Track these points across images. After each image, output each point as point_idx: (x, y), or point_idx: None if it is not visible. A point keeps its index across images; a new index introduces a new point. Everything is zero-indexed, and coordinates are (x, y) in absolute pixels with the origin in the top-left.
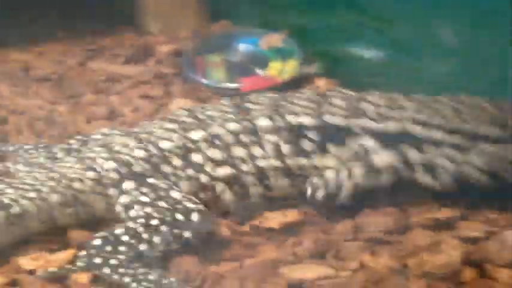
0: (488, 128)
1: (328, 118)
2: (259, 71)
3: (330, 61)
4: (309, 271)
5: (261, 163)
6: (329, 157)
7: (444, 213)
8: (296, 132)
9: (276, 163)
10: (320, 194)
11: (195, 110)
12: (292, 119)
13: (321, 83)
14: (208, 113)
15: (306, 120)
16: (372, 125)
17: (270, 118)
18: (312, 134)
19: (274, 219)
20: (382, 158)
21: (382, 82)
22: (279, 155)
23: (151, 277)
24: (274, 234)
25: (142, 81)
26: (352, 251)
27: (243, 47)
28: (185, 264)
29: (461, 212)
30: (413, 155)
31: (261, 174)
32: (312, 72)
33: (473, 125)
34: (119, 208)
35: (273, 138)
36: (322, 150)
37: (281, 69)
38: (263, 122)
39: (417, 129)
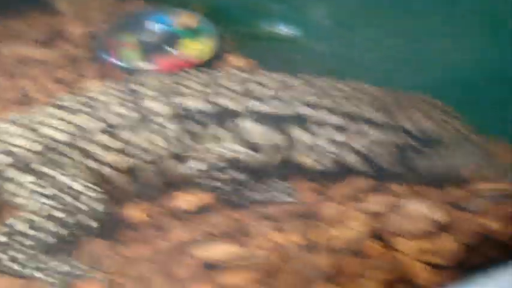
0: (371, 112)
1: (216, 100)
2: (174, 51)
3: (246, 40)
4: (220, 251)
5: (155, 148)
6: (215, 140)
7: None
8: (186, 115)
9: (169, 146)
10: (201, 166)
11: (81, 94)
12: (181, 101)
13: (237, 61)
14: (97, 97)
15: (193, 103)
16: (258, 106)
17: (159, 101)
18: (200, 117)
19: (187, 201)
20: (265, 137)
21: (299, 61)
22: (169, 138)
23: (61, 268)
24: (187, 216)
25: (55, 64)
26: (262, 229)
27: (157, 27)
28: (96, 249)
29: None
30: (296, 134)
31: (157, 159)
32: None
33: (357, 108)
34: (19, 200)
35: (162, 121)
36: (211, 132)
37: (196, 49)
38: (152, 105)
39: (303, 110)
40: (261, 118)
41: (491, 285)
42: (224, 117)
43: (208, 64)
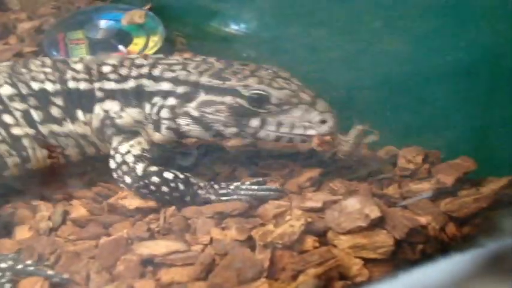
0: (206, 78)
1: (72, 84)
2: (121, 48)
3: (196, 38)
4: (161, 247)
5: (15, 131)
6: (78, 124)
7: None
8: (43, 99)
9: (30, 131)
10: (127, 180)
11: None
12: (35, 85)
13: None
14: None
15: (49, 87)
16: (112, 85)
17: (13, 86)
18: (58, 101)
19: (132, 198)
20: (125, 117)
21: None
22: (30, 122)
23: (2, 265)
24: (130, 213)
25: (2, 60)
26: (203, 226)
27: (105, 23)
28: (39, 246)
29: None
30: (146, 109)
31: (17, 144)
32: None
33: (201, 77)
34: None
35: (20, 106)
36: (72, 116)
37: (143, 46)
38: (7, 90)
39: (150, 83)
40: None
41: (421, 278)
42: (85, 99)
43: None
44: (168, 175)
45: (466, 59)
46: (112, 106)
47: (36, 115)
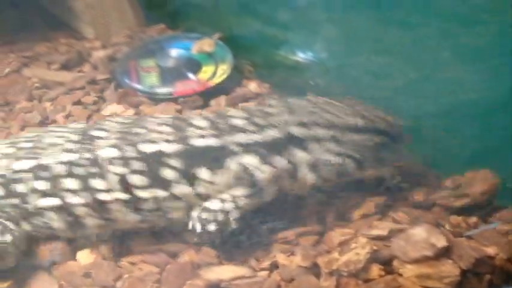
0: (354, 119)
1: (196, 141)
2: (191, 76)
3: (264, 67)
4: (228, 272)
5: (101, 196)
6: (200, 184)
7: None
8: (151, 161)
9: (122, 196)
10: (211, 227)
11: (39, 135)
12: (145, 147)
13: (252, 86)
14: (49, 140)
15: (165, 147)
16: (250, 137)
17: (118, 148)
18: (173, 162)
19: None
20: (265, 170)
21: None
22: (126, 187)
23: None
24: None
25: (76, 87)
26: (269, 253)
27: (175, 52)
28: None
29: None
30: (299, 156)
31: (100, 207)
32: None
33: (342, 118)
34: None
35: (119, 169)
36: (189, 177)
37: (212, 73)
38: (108, 153)
39: (298, 130)
40: (257, 149)
41: None
42: (209, 157)
43: (224, 88)
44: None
45: None
46: (251, 160)
47: (137, 180)
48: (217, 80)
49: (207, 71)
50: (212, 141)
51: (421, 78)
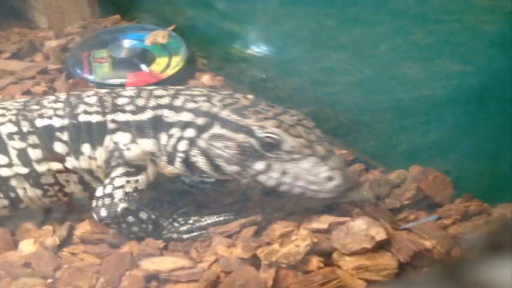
0: (226, 113)
1: (82, 117)
2: (144, 67)
3: (218, 59)
4: (167, 263)
5: (4, 172)
6: (83, 159)
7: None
8: (47, 136)
9: (22, 170)
10: (102, 213)
11: None
12: (40, 122)
13: (205, 78)
14: None
15: (56, 122)
16: (126, 117)
17: (15, 123)
18: (63, 136)
19: None
20: (135, 148)
21: (266, 78)
22: (26, 161)
23: None
24: None
25: (26, 76)
26: (211, 244)
27: (129, 43)
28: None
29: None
30: (162, 140)
31: (4, 185)
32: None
33: (222, 111)
34: None
35: (19, 144)
36: (76, 151)
37: (166, 65)
38: (7, 129)
39: (170, 114)
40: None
41: None
42: (93, 133)
43: (177, 79)
44: (143, 215)
45: (479, 84)
46: (122, 138)
47: (33, 153)
48: (171, 71)
49: (160, 62)
50: (93, 118)
51: (373, 74)
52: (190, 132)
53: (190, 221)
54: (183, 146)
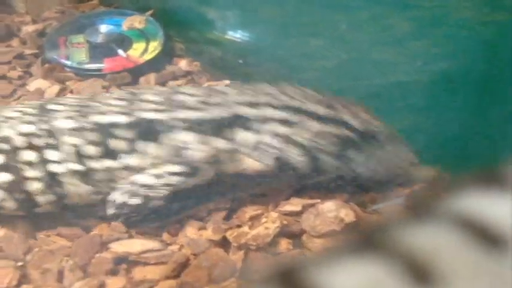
0: (314, 106)
1: (140, 114)
2: (121, 52)
3: (196, 44)
4: (137, 245)
5: (55, 168)
6: (139, 157)
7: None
8: (103, 133)
9: (76, 167)
10: (134, 200)
11: None
12: (99, 118)
13: (183, 64)
14: (9, 114)
15: (115, 118)
16: (193, 114)
17: (73, 119)
18: (121, 133)
19: None
20: (202, 150)
21: (244, 63)
22: (79, 158)
23: None
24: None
25: (2, 61)
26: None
27: (106, 28)
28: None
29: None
30: (242, 136)
31: (53, 181)
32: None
33: (300, 102)
34: None
35: (73, 140)
36: (132, 149)
37: (143, 50)
38: (64, 124)
39: (244, 110)
40: (198, 127)
41: None
42: (151, 130)
43: (155, 64)
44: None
45: (451, 68)
46: (189, 137)
47: (91, 150)
48: (148, 57)
49: (137, 47)
50: (157, 115)
51: (350, 60)
52: (283, 130)
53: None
54: (277, 143)
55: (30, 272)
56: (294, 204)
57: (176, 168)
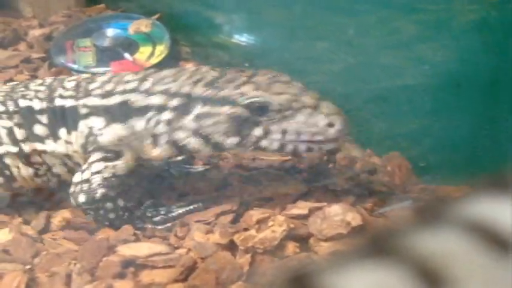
0: (201, 89)
1: (58, 101)
2: (128, 56)
3: (202, 48)
4: (144, 248)
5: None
6: (60, 143)
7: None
8: (28, 117)
9: (12, 148)
10: (80, 199)
11: None
12: (23, 103)
13: (189, 67)
14: None
15: (36, 104)
16: (97, 101)
17: (3, 103)
18: (43, 118)
19: None
20: (107, 134)
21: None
22: (14, 140)
23: None
24: None
25: (9, 65)
26: (189, 231)
27: (112, 31)
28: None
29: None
30: (137, 124)
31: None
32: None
33: (190, 86)
34: None
35: (6, 123)
36: (54, 135)
37: (149, 54)
38: None
39: (138, 98)
40: (103, 113)
41: None
42: (68, 117)
43: (161, 69)
44: (121, 203)
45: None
46: (96, 122)
47: (19, 133)
48: (154, 60)
49: (144, 51)
50: (67, 102)
51: (356, 63)
52: (166, 115)
53: (162, 212)
54: (162, 128)
55: (38, 276)
56: (301, 208)
57: (95, 156)
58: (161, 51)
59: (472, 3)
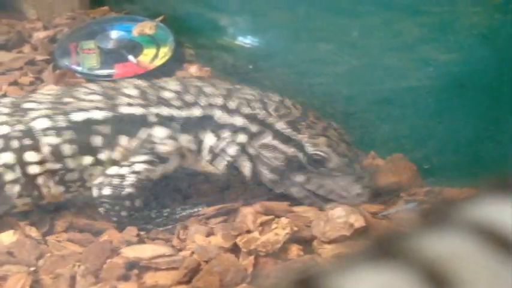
0: (277, 120)
1: (122, 109)
2: (132, 58)
3: (206, 50)
4: (148, 250)
5: (33, 169)
6: (117, 151)
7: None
8: (83, 129)
9: (55, 166)
10: (106, 191)
11: None
12: (76, 115)
13: (193, 69)
14: None
15: (95, 115)
16: (170, 112)
17: (50, 118)
18: (101, 129)
19: None
20: (168, 144)
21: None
22: (58, 157)
23: None
24: None
25: (14, 67)
26: (191, 233)
27: (116, 34)
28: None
29: None
30: (206, 137)
31: (31, 183)
32: None
33: (266, 114)
34: None
35: (52, 140)
36: (112, 144)
37: (153, 56)
38: (41, 124)
39: (224, 115)
40: (176, 124)
41: None
42: (131, 125)
43: (165, 71)
44: (137, 203)
45: (462, 73)
46: (160, 132)
47: (69, 149)
48: (158, 62)
49: (148, 53)
50: (135, 110)
51: (360, 65)
52: (242, 138)
53: (165, 214)
54: (233, 150)
55: (42, 278)
56: (305, 211)
57: (142, 158)
58: (165, 53)
59: (475, 6)
